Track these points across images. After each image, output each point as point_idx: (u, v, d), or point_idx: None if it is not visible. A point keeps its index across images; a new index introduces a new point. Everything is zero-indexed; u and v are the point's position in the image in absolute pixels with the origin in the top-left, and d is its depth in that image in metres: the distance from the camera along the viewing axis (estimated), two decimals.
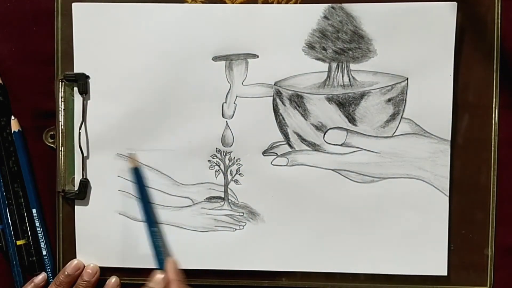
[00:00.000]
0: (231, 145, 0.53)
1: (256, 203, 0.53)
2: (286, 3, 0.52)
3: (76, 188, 0.53)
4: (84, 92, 0.52)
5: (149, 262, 0.53)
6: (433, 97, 0.51)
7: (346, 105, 0.52)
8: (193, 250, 0.53)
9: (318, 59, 0.52)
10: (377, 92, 0.52)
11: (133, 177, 0.52)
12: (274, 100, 0.52)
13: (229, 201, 0.53)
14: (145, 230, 0.52)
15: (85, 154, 0.53)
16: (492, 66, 0.52)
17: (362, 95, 0.52)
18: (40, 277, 0.54)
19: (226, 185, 0.53)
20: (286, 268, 0.53)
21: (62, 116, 0.53)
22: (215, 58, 0.52)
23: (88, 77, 0.53)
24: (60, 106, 0.53)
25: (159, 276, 0.50)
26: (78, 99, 0.53)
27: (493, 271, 0.53)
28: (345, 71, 0.52)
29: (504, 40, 0.52)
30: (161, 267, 0.51)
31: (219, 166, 0.53)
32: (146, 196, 0.53)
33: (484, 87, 0.52)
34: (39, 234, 0.54)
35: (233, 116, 0.52)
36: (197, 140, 0.53)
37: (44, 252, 0.54)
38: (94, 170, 0.53)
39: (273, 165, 0.53)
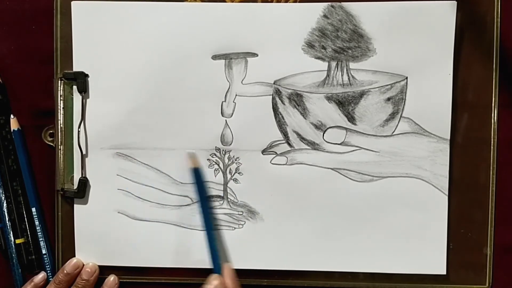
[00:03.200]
0: (230, 144, 0.53)
1: (255, 202, 0.53)
2: (286, 1, 0.52)
3: (75, 186, 0.53)
4: (83, 90, 0.52)
5: (148, 261, 0.54)
6: (433, 96, 0.51)
7: (346, 104, 0.52)
8: (192, 249, 0.53)
9: (318, 58, 0.52)
10: (377, 91, 0.52)
11: (193, 177, 0.52)
12: (273, 99, 0.52)
13: (228, 200, 0.53)
14: (204, 232, 0.52)
15: (84, 153, 0.53)
16: (491, 65, 0.52)
17: (362, 94, 0.52)
18: (40, 277, 0.54)
19: (225, 184, 0.53)
20: (285, 267, 0.53)
21: (61, 115, 0.53)
22: (215, 57, 0.52)
23: (87, 75, 0.52)
24: (59, 104, 0.53)
25: (216, 280, 0.50)
26: (77, 97, 0.53)
27: (492, 270, 0.53)
28: (345, 70, 0.52)
29: (503, 40, 0.52)
30: (217, 271, 0.51)
31: (218, 165, 0.53)
32: (206, 198, 0.52)
33: (483, 86, 0.52)
34: (38, 233, 0.54)
35: (232, 115, 0.52)
36: (196, 138, 0.53)
37: (44, 251, 0.54)
38: (93, 168, 0.53)
39: (273, 164, 0.53)
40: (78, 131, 0.53)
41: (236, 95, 0.52)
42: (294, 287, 0.54)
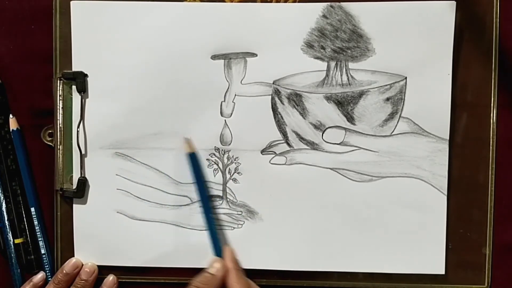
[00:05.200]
0: (230, 144, 0.53)
1: (255, 201, 0.53)
2: (285, 2, 0.52)
3: (74, 186, 0.53)
4: (83, 90, 0.52)
5: (147, 261, 0.54)
6: (432, 96, 0.51)
7: (345, 104, 0.52)
8: (192, 249, 0.53)
9: (317, 58, 0.52)
10: (376, 91, 0.52)
11: (189, 162, 0.52)
12: (272, 99, 0.52)
13: (228, 199, 0.53)
14: (203, 216, 0.52)
15: (83, 153, 0.53)
16: (490, 65, 0.52)
17: (361, 94, 0.52)
18: (39, 276, 0.54)
19: (224, 183, 0.53)
20: (284, 267, 0.53)
21: (60, 115, 0.53)
22: (214, 57, 0.52)
23: (86, 75, 0.52)
24: (58, 104, 0.53)
25: (218, 263, 0.50)
26: (76, 97, 0.53)
27: (491, 270, 0.53)
28: (344, 70, 0.52)
29: (502, 40, 0.52)
30: (218, 254, 0.52)
31: (217, 165, 0.53)
32: (203, 182, 0.53)
33: (482, 86, 0.52)
34: (37, 233, 0.54)
35: (231, 114, 0.52)
36: (195, 138, 0.53)
37: (43, 251, 0.54)
38: (92, 168, 0.53)
39: (272, 163, 0.53)
40: (77, 131, 0.53)
41: (235, 95, 0.52)
42: (293, 287, 0.54)
